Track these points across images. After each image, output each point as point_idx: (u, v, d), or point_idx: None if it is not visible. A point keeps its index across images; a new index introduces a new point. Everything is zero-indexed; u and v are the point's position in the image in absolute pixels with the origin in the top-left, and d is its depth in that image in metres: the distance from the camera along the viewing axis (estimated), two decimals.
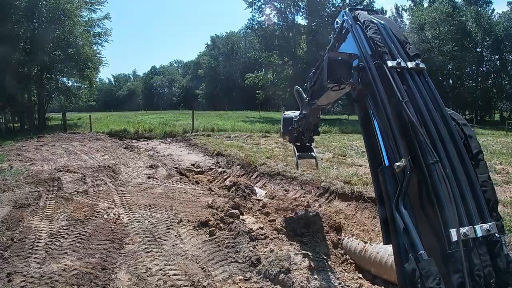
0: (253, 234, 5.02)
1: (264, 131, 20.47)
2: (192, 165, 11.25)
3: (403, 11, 64.09)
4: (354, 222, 5.93)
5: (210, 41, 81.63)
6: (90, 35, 30.22)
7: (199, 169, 10.64)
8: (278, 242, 4.88)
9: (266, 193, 7.75)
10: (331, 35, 3.06)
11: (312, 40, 40.19)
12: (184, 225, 5.53)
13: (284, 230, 5.51)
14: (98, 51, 31.10)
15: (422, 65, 2.22)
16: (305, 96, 4.41)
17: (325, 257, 4.67)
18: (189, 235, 5.19)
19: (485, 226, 1.65)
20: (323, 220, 5.74)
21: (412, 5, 58.33)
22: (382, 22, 2.53)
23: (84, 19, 29.37)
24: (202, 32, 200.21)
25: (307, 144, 5.73)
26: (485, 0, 50.85)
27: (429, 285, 1.51)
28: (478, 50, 49.25)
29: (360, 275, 4.76)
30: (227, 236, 5.02)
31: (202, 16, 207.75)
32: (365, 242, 5.05)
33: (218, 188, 8.40)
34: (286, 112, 5.91)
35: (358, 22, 2.60)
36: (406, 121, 1.94)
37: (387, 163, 2.02)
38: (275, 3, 41.43)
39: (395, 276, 4.56)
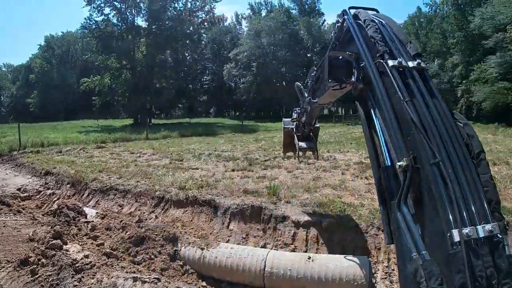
0: (77, 265, 4.39)
1: (99, 142, 18.93)
2: (18, 189, 9.32)
3: (243, 19, 67.98)
4: (192, 229, 5.85)
5: (44, 42, 70.24)
6: None
7: (26, 194, 8.93)
8: (107, 269, 4.40)
9: (97, 212, 6.89)
10: (332, 34, 3.04)
11: (152, 43, 39.06)
12: (3, 267, 4.55)
13: (114, 252, 4.98)
14: None
15: (423, 65, 2.23)
16: (306, 95, 4.32)
17: (160, 275, 4.38)
18: (10, 278, 4.31)
19: (487, 226, 1.64)
20: (157, 233, 5.43)
21: (251, 13, 62.81)
22: (383, 21, 2.52)
23: None
24: (36, 32, 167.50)
25: (309, 134, 5.53)
26: (318, 12, 58.34)
27: (432, 285, 1.52)
28: (308, 55, 55.72)
29: (204, 283, 4.70)
30: (50, 273, 4.30)
31: (36, 13, 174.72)
32: (202, 249, 5.00)
33: (43, 215, 7.13)
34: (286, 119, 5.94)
35: (359, 21, 2.58)
36: (408, 120, 1.93)
37: (388, 163, 2.01)
38: (116, 3, 38.67)
39: (238, 277, 4.66)
